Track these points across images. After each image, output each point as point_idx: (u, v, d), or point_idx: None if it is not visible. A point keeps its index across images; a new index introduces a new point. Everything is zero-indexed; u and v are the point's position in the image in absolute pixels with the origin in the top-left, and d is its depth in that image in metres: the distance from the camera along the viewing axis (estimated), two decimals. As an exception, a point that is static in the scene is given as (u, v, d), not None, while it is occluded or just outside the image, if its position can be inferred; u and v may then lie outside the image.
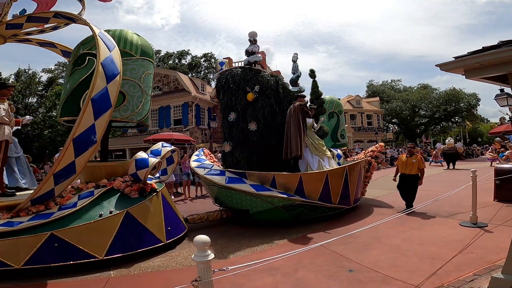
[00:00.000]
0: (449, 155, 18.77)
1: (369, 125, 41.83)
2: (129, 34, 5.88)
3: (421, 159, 7.54)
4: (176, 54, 43.82)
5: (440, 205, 7.29)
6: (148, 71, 6.02)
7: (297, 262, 4.37)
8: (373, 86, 54.27)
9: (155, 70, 23.34)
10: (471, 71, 3.24)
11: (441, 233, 5.59)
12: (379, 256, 4.56)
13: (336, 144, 9.93)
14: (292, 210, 6.50)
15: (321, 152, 7.22)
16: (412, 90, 51.38)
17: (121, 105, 5.52)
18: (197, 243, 2.34)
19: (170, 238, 5.33)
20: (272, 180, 6.64)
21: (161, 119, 27.58)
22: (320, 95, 8.54)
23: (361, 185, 8.34)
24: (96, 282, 4.05)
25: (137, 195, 5.23)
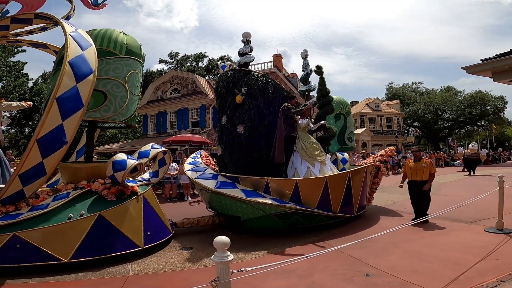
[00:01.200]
0: (470, 160, 17.25)
1: (389, 128, 40.03)
2: (115, 33, 5.53)
3: (430, 163, 6.66)
4: (193, 56, 43.94)
5: (463, 211, 6.84)
6: (134, 70, 5.62)
7: (312, 265, 4.20)
8: (393, 89, 51.95)
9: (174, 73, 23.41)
10: (499, 73, 3.10)
11: (464, 239, 5.30)
12: (397, 261, 4.38)
13: (343, 147, 9.13)
14: (285, 219, 5.84)
15: (311, 156, 6.46)
16: (435, 93, 48.73)
17: (102, 105, 5.18)
18: (217, 244, 2.34)
19: (149, 243, 4.97)
20: (265, 186, 6.01)
21: (179, 121, 27.60)
22: (327, 93, 7.67)
23: (367, 192, 7.52)
24: (63, 285, 3.87)
25: (114, 198, 4.90)
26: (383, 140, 39.43)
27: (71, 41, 4.43)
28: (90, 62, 4.55)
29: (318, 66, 7.67)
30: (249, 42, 7.38)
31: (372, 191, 8.02)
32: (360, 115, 39.94)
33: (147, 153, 6.05)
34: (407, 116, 45.04)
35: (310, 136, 6.76)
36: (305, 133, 6.72)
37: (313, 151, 6.51)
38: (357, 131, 37.02)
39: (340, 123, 9.13)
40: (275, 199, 5.82)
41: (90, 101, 5.05)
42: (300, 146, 6.55)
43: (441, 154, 29.13)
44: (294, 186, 5.93)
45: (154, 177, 6.49)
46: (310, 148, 6.53)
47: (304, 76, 8.08)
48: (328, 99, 7.50)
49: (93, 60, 4.62)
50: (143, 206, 5.15)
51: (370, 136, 37.70)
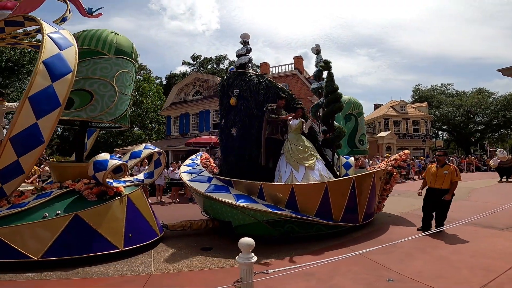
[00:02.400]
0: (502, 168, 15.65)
1: (416, 131, 37.78)
2: (105, 33, 5.38)
3: (454, 170, 5.79)
4: (214, 59, 44.01)
5: (497, 217, 6.44)
6: (124, 69, 5.43)
7: (333, 269, 4.07)
8: (420, 91, 48.98)
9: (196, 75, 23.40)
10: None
11: (496, 245, 5.04)
12: (423, 266, 4.20)
13: (354, 150, 8.40)
14: (279, 226, 5.29)
15: (296, 160, 5.83)
16: (465, 95, 45.40)
17: (87, 104, 5.01)
18: (242, 245, 2.35)
19: (130, 245, 4.76)
20: (259, 191, 5.51)
21: (201, 123, 27.65)
22: (334, 90, 6.82)
23: (376, 199, 6.76)
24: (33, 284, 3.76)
25: (95, 198, 4.72)
26: (409, 144, 37.28)
27: (47, 41, 4.31)
28: (69, 62, 4.39)
29: (326, 61, 6.91)
30: (247, 43, 7.08)
31: (383, 198, 7.23)
32: (385, 118, 38.04)
33: (139, 154, 5.79)
34: (435, 119, 42.28)
35: (302, 138, 6.12)
36: (296, 134, 6.11)
37: (298, 155, 5.87)
38: (381, 134, 35.34)
39: (350, 124, 8.41)
40: (269, 205, 5.30)
41: (76, 101, 4.93)
42: (287, 149, 5.98)
43: (472, 159, 26.97)
44: (290, 191, 5.38)
45: (148, 178, 6.21)
46: (296, 151, 5.91)
47: (316, 72, 7.48)
48: (335, 96, 6.68)
49: (73, 59, 4.46)
50: (126, 207, 4.91)
51: (395, 139, 35.78)
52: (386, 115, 38.16)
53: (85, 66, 5.00)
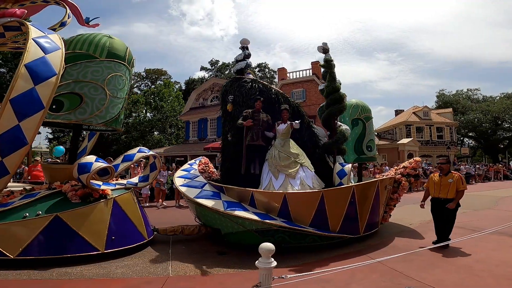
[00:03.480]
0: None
1: (440, 138, 35.84)
2: (98, 37, 5.31)
3: (460, 178, 5.21)
4: (232, 64, 43.91)
5: None
6: (116, 73, 5.31)
7: (350, 276, 3.94)
8: (445, 96, 46.47)
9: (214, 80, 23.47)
10: None
11: None
12: (444, 275, 4.04)
13: (361, 157, 7.80)
14: (269, 236, 4.90)
15: (276, 167, 5.44)
16: (493, 100, 42.53)
17: (77, 107, 4.92)
18: (262, 250, 2.39)
19: (112, 247, 4.63)
20: (250, 198, 5.17)
21: (219, 128, 27.68)
22: (335, 90, 6.22)
23: (381, 209, 6.19)
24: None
25: (78, 200, 4.63)
26: (433, 151, 35.41)
27: (31, 45, 4.28)
28: (54, 65, 4.34)
29: (327, 59, 6.38)
30: (246, 49, 6.84)
31: (390, 208, 6.64)
32: (406, 124, 36.39)
33: (132, 157, 5.64)
34: (461, 125, 39.94)
35: (289, 143, 5.67)
36: (283, 140, 5.70)
37: (280, 161, 5.45)
38: (403, 141, 33.78)
39: (357, 129, 7.82)
40: (259, 214, 4.94)
41: (66, 104, 4.89)
42: (270, 155, 5.60)
43: (500, 167, 25.09)
44: (283, 199, 4.99)
45: (143, 182, 6.04)
46: (278, 158, 5.50)
47: (323, 73, 7.00)
48: (336, 97, 6.02)
49: (58, 63, 4.41)
50: (111, 210, 4.79)
51: (418, 146, 34.11)
52: (408, 121, 36.50)
53: (76, 70, 4.95)
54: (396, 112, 41.83)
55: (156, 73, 38.37)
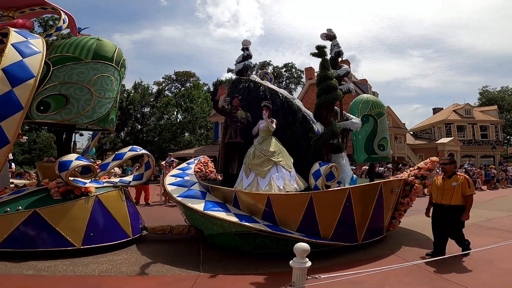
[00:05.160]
0: None
1: (484, 137, 32.31)
2: (84, 40, 5.40)
3: (465, 180, 4.36)
4: (258, 65, 43.36)
5: None
6: (103, 73, 5.32)
7: (384, 278, 3.73)
8: (489, 93, 41.81)
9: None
10: None
11: None
12: (489, 279, 3.77)
13: (372, 157, 6.98)
14: (249, 240, 4.48)
15: (248, 165, 5.03)
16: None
17: (63, 108, 4.98)
18: (297, 250, 2.40)
19: (90, 244, 4.61)
20: (234, 198, 4.78)
21: (246, 128, 27.53)
22: (327, 77, 5.31)
23: (387, 215, 5.42)
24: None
25: (60, 197, 4.65)
26: (476, 151, 32.06)
27: (9, 50, 4.48)
28: (32, 68, 4.53)
29: (318, 46, 5.63)
30: (246, 50, 6.67)
31: (400, 214, 5.80)
32: (446, 123, 33.35)
33: (122, 156, 5.54)
34: (507, 123, 35.70)
35: (268, 141, 5.20)
36: (264, 137, 5.25)
37: (252, 160, 5.01)
38: (442, 140, 31.06)
39: (368, 126, 7.00)
40: (241, 216, 4.53)
41: (52, 104, 4.98)
42: (247, 153, 5.23)
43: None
44: (266, 201, 4.53)
45: (136, 180, 5.92)
46: (251, 156, 5.10)
47: (331, 60, 6.25)
48: (328, 85, 5.20)
49: (37, 66, 4.60)
50: (92, 207, 4.75)
51: (459, 146, 31.09)
52: (448, 120, 33.45)
53: (63, 72, 5.01)
54: (434, 110, 38.60)
55: (185, 75, 39.41)
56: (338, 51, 6.08)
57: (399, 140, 32.74)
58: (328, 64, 5.36)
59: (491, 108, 34.30)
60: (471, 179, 4.57)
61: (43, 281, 3.66)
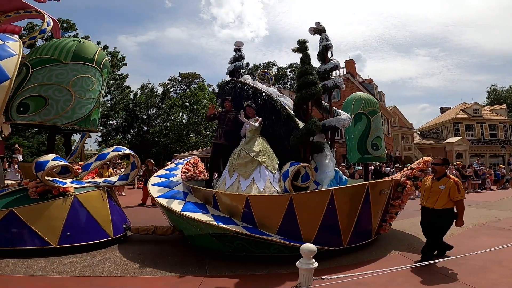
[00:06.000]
0: None
1: (493, 137, 31.29)
2: (65, 42, 5.39)
3: (455, 185, 4.02)
4: (263, 66, 42.86)
5: None
6: (83, 74, 5.28)
7: (391, 279, 3.66)
8: (497, 92, 40.49)
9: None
10: None
11: None
12: (498, 279, 3.67)
13: (366, 157, 6.67)
14: (227, 242, 4.28)
15: (232, 166, 4.87)
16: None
17: (42, 109, 4.96)
18: (304, 251, 2.40)
19: (66, 243, 4.56)
20: (213, 200, 4.59)
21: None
22: (305, 72, 5.00)
23: (376, 218, 5.11)
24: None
25: (37, 197, 4.62)
26: (485, 150, 31.08)
27: None
28: (8, 70, 4.58)
29: (299, 41, 5.33)
30: (238, 51, 6.55)
31: (390, 217, 5.48)
32: (454, 122, 32.44)
33: (105, 156, 5.43)
34: (517, 122, 34.45)
35: (255, 141, 4.98)
36: (250, 136, 5.06)
37: (236, 160, 4.81)
38: (450, 140, 30.21)
39: (361, 125, 6.70)
40: (220, 217, 4.34)
41: (31, 106, 4.96)
42: (232, 153, 5.05)
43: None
44: (245, 202, 4.31)
45: (122, 180, 5.81)
46: (236, 156, 4.92)
47: (319, 54, 5.98)
48: (304, 81, 4.89)
49: (12, 68, 4.62)
50: (70, 207, 4.69)
51: (468, 145, 30.18)
52: (456, 119, 32.54)
53: (42, 73, 4.99)
54: (441, 109, 37.61)
55: (191, 76, 39.41)
56: (326, 45, 5.77)
57: (406, 140, 31.99)
58: (308, 59, 5.10)
59: (499, 107, 33.18)
60: (461, 183, 4.23)
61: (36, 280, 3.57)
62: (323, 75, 5.66)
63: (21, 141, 19.91)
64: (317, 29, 5.90)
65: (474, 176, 16.24)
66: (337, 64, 5.62)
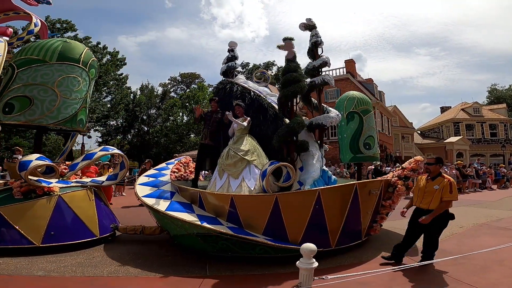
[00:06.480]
0: None
1: (493, 136, 31.00)
2: (50, 42, 5.36)
3: (448, 183, 3.86)
4: (262, 66, 42.47)
5: None
6: (68, 74, 5.25)
7: (391, 279, 3.65)
8: (498, 91, 40.15)
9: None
10: None
11: None
12: (500, 279, 3.65)
13: (358, 156, 6.55)
14: (211, 242, 4.19)
15: (221, 166, 4.84)
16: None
17: (27, 109, 4.93)
18: (304, 250, 2.45)
19: (50, 242, 4.51)
20: (199, 200, 4.49)
21: (250, 129, 27.19)
22: (289, 69, 4.94)
23: (366, 219, 4.99)
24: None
25: (21, 196, 4.58)
26: (486, 149, 30.80)
27: None
28: None
29: (285, 38, 5.21)
30: (231, 51, 6.48)
31: (381, 218, 5.36)
32: (454, 121, 32.17)
33: (92, 155, 5.35)
34: (518, 122, 34.11)
35: (243, 140, 4.90)
36: (239, 136, 4.98)
37: (225, 160, 4.75)
38: (451, 139, 29.95)
39: (353, 124, 6.57)
40: (205, 217, 4.25)
41: (16, 106, 4.94)
42: (222, 154, 4.96)
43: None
44: (230, 202, 4.22)
45: (110, 180, 5.73)
46: (225, 156, 4.84)
47: (309, 51, 5.86)
48: (286, 79, 4.79)
49: None
50: (54, 207, 4.64)
51: (468, 145, 29.90)
52: (456, 119, 32.27)
53: (27, 74, 4.97)
54: (442, 109, 37.32)
55: (191, 76, 39.32)
56: (316, 41, 5.62)
57: (407, 140, 31.75)
58: (294, 57, 4.98)
59: (500, 106, 32.87)
60: (455, 184, 4.08)
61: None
62: (312, 72, 5.53)
63: (21, 141, 19.92)
64: (308, 25, 5.78)
65: (475, 175, 16.06)
66: (326, 60, 5.48)
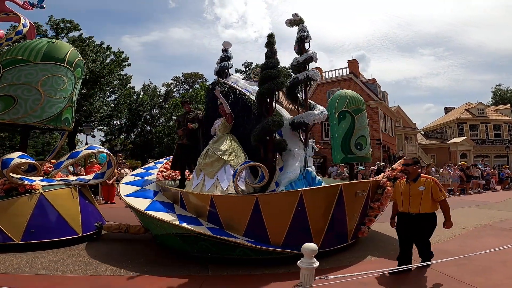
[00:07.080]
0: None
1: (497, 137, 30.38)
2: (35, 42, 5.34)
3: (435, 184, 3.67)
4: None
5: None
6: (52, 74, 5.22)
7: (393, 279, 3.61)
8: (502, 92, 39.39)
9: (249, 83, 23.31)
10: None
11: None
12: (503, 280, 3.60)
13: (349, 156, 6.37)
14: (191, 243, 4.10)
15: (199, 166, 4.82)
16: None
17: (11, 108, 4.93)
18: (305, 250, 2.38)
19: (29, 239, 4.51)
20: (180, 199, 4.40)
21: (252, 128, 27.09)
22: (267, 66, 4.80)
23: (354, 221, 4.82)
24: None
25: (3, 194, 4.59)
26: (490, 150, 30.22)
27: None
28: None
29: (268, 34, 5.04)
30: (225, 51, 6.31)
31: (369, 220, 5.18)
32: (458, 122, 31.62)
33: (77, 154, 5.31)
34: (523, 123, 33.38)
35: (223, 140, 4.83)
36: (220, 135, 4.94)
37: (203, 160, 4.69)
38: (454, 140, 29.44)
39: (344, 124, 6.39)
40: (185, 217, 4.16)
41: (1, 105, 4.94)
42: (201, 153, 4.90)
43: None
44: (210, 203, 4.10)
45: (97, 179, 5.68)
46: (203, 156, 4.80)
47: (296, 44, 5.66)
48: (263, 76, 4.65)
49: None
50: (36, 204, 4.64)
51: (472, 146, 29.36)
52: (460, 119, 31.71)
53: (11, 74, 4.96)
54: (446, 109, 36.73)
55: (194, 76, 39.31)
56: (301, 36, 5.42)
57: (410, 140, 31.29)
58: (272, 53, 4.85)
59: (504, 107, 32.22)
60: (439, 181, 3.90)
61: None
62: (298, 68, 5.36)
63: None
64: (294, 21, 5.61)
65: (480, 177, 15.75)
66: (312, 55, 5.27)
